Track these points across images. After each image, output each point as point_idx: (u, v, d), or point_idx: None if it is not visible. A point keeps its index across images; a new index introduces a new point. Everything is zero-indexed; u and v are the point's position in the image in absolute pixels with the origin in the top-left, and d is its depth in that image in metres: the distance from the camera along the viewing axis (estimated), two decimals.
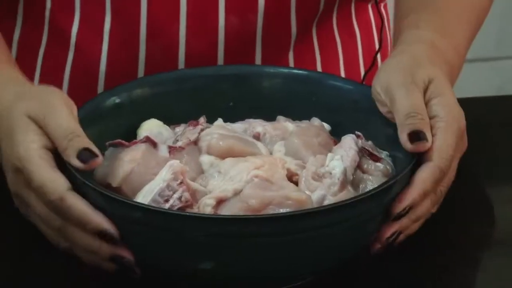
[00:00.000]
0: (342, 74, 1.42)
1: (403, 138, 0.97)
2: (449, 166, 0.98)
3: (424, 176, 0.95)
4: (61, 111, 0.98)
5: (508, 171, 1.26)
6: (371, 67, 1.41)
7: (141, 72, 1.32)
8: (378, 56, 1.44)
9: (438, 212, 1.00)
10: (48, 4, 1.33)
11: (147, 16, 1.29)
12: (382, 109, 1.03)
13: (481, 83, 2.76)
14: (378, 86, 1.04)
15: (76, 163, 0.92)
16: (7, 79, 1.08)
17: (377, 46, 1.44)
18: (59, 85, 1.33)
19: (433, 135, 0.98)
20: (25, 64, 1.32)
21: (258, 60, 1.33)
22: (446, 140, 0.97)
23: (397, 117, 0.99)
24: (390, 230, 0.94)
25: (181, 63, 1.30)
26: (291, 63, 1.37)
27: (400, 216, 0.93)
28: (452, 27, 1.20)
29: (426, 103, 1.00)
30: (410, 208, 0.94)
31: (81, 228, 0.93)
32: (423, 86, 1.01)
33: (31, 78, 1.35)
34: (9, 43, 1.37)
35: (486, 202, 1.20)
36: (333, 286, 1.01)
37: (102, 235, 0.91)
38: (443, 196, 1.00)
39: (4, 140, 1.00)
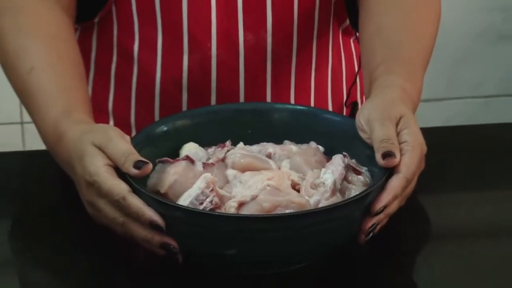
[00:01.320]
0: (330, 88, 1.49)
1: (378, 157, 1.06)
2: (413, 178, 1.07)
3: (395, 184, 1.04)
4: (117, 139, 1.07)
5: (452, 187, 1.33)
6: (353, 84, 1.52)
7: (185, 80, 1.38)
8: (358, 76, 1.53)
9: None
10: (115, 31, 1.40)
11: (188, 37, 1.36)
12: (364, 136, 1.12)
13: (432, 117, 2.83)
14: (362, 119, 1.13)
15: (133, 171, 1.01)
16: (77, 121, 1.15)
17: (356, 68, 1.52)
18: (128, 95, 1.43)
19: (402, 155, 1.06)
20: (101, 79, 1.45)
21: (268, 70, 1.41)
22: (411, 158, 1.06)
23: (374, 142, 1.08)
24: (370, 223, 1.03)
25: (213, 73, 1.37)
26: (293, 74, 1.43)
27: (377, 213, 1.03)
28: (416, 74, 1.26)
29: (398, 133, 1.09)
30: (385, 207, 1.03)
31: (138, 221, 1.01)
32: (395, 121, 1.10)
33: (106, 91, 1.45)
34: (87, 63, 1.44)
35: (428, 206, 1.29)
36: (325, 269, 1.10)
37: (152, 225, 1.00)
38: (406, 199, 1.09)
39: (76, 163, 1.08)
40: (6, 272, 1.14)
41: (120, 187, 1.02)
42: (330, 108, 1.47)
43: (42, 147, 1.24)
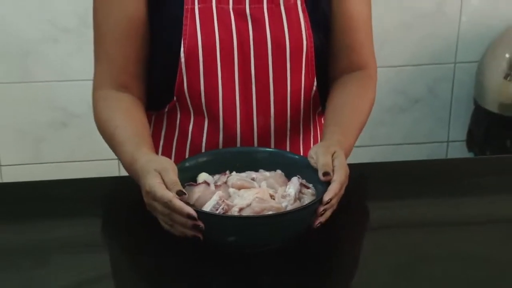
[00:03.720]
0: (312, 144, 1.53)
1: (320, 174, 1.18)
2: (343, 185, 1.18)
3: (333, 186, 1.15)
4: (169, 171, 1.16)
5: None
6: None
7: (220, 146, 1.43)
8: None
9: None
10: (178, 117, 1.46)
11: (222, 121, 1.42)
12: (312, 163, 1.22)
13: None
14: (312, 152, 1.24)
15: (182, 202, 1.11)
16: (144, 153, 1.24)
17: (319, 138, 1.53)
18: (183, 156, 1.46)
19: (334, 173, 1.17)
20: (167, 147, 1.50)
21: (272, 140, 1.45)
22: (340, 175, 1.17)
23: (318, 166, 1.20)
24: (321, 208, 1.13)
25: (238, 143, 1.43)
26: (288, 143, 1.48)
27: (326, 203, 1.13)
28: (349, 135, 1.34)
29: (332, 161, 1.20)
30: (330, 199, 1.14)
31: (179, 213, 1.10)
32: (331, 154, 1.21)
33: (170, 155, 1.49)
34: (158, 136, 1.50)
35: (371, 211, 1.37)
36: (291, 248, 1.17)
37: (189, 216, 1.09)
38: (339, 200, 1.18)
39: (142, 179, 1.17)
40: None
41: (168, 195, 1.11)
42: None
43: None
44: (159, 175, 1.16)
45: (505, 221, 1.31)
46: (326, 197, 1.15)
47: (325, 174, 1.19)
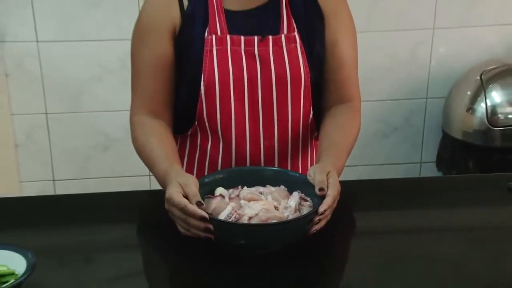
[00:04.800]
0: (310, 164, 1.50)
1: (316, 190, 1.18)
2: (336, 199, 1.17)
3: (327, 200, 1.15)
4: (192, 185, 1.17)
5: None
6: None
7: (233, 164, 1.41)
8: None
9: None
10: (199, 138, 1.45)
11: (235, 143, 1.40)
12: (310, 180, 1.22)
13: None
14: (310, 171, 1.23)
15: (195, 206, 1.11)
16: (174, 169, 1.24)
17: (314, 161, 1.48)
18: (203, 171, 1.45)
19: (328, 189, 1.17)
20: (190, 163, 1.49)
21: (275, 160, 1.43)
22: (333, 191, 1.17)
23: (315, 183, 1.20)
24: (316, 218, 1.13)
25: (248, 163, 1.41)
26: (289, 162, 1.45)
27: (321, 214, 1.13)
28: (341, 157, 1.33)
29: (327, 179, 1.20)
30: (325, 211, 1.13)
31: (193, 217, 1.11)
32: (326, 173, 1.21)
33: (192, 170, 1.48)
34: (183, 154, 1.49)
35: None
36: (291, 250, 1.15)
37: (202, 218, 1.10)
38: (332, 212, 1.17)
39: (167, 189, 1.17)
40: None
41: (184, 201, 1.12)
42: None
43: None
44: (180, 186, 1.16)
45: (467, 229, 1.30)
46: (321, 209, 1.15)
47: (321, 189, 1.19)
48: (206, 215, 1.11)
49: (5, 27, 2.60)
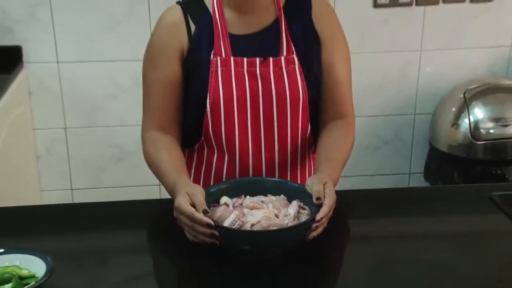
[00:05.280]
0: (308, 175, 1.49)
1: (314, 199, 1.18)
2: (332, 208, 1.17)
3: (324, 209, 1.15)
4: (198, 194, 1.17)
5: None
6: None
7: (236, 175, 1.40)
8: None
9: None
10: (205, 152, 1.44)
11: (238, 156, 1.40)
12: (308, 190, 1.21)
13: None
14: (308, 182, 1.23)
15: (202, 214, 1.12)
16: (182, 179, 1.24)
17: (312, 172, 1.49)
18: (209, 182, 1.44)
19: (325, 199, 1.17)
20: (197, 175, 1.48)
21: (276, 171, 1.42)
22: (330, 200, 1.17)
23: (313, 192, 1.19)
24: (314, 225, 1.13)
25: (251, 166, 1.40)
26: (288, 173, 1.44)
27: (318, 221, 1.13)
28: (337, 169, 1.32)
29: (324, 189, 1.19)
30: (321, 218, 1.14)
31: (200, 224, 1.11)
32: (323, 183, 1.21)
33: (199, 181, 1.47)
34: (191, 166, 1.48)
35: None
36: (291, 254, 1.15)
37: (208, 225, 1.10)
38: (328, 219, 1.17)
39: (176, 198, 1.17)
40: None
41: (191, 209, 1.13)
42: None
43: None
44: (188, 196, 1.16)
45: (452, 235, 1.29)
46: (318, 217, 1.15)
47: (318, 199, 1.19)
48: (212, 222, 1.11)
49: (29, 49, 2.62)
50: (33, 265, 1.04)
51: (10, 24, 2.56)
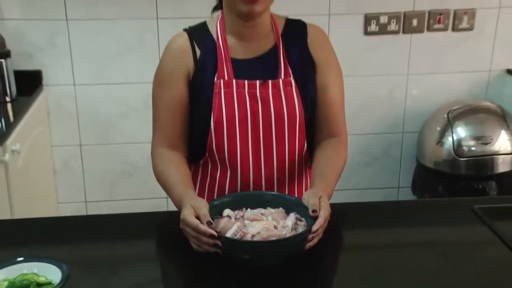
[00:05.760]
0: (304, 189, 1.47)
1: (310, 211, 1.17)
2: (327, 219, 1.16)
3: (319, 220, 1.14)
4: (203, 207, 1.16)
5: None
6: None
7: (238, 189, 1.38)
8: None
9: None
10: (209, 167, 1.42)
11: (240, 171, 1.38)
12: (305, 203, 1.20)
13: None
14: (305, 195, 1.22)
15: (206, 225, 1.11)
16: (188, 193, 1.24)
17: (308, 186, 1.47)
18: (213, 195, 1.43)
19: (320, 211, 1.16)
20: (202, 188, 1.47)
21: (275, 186, 1.40)
22: (325, 213, 1.16)
23: (309, 205, 1.19)
24: (310, 235, 1.12)
25: (251, 180, 1.39)
26: (286, 188, 1.43)
27: (314, 232, 1.12)
28: (331, 184, 1.32)
29: (319, 202, 1.18)
30: (317, 230, 1.13)
31: (204, 235, 1.10)
32: (318, 196, 1.20)
33: (203, 194, 1.45)
34: (196, 181, 1.46)
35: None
36: (289, 263, 1.14)
37: (211, 236, 1.10)
38: (324, 229, 1.16)
39: (182, 211, 1.17)
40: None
41: (196, 221, 1.12)
42: None
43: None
44: (192, 208, 1.16)
45: (437, 244, 1.28)
46: (314, 228, 1.14)
47: (314, 211, 1.18)
48: (215, 233, 1.10)
49: (48, 73, 2.65)
50: (50, 273, 1.04)
51: (31, 50, 2.59)
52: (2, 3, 2.47)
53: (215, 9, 1.44)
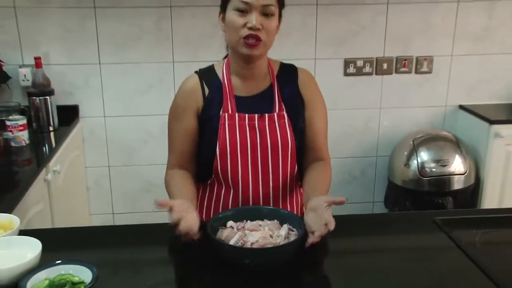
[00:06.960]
0: (295, 209, 1.44)
1: (329, 226, 1.12)
2: (322, 233, 1.14)
3: (315, 234, 1.11)
4: (176, 200, 1.16)
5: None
6: (302, 205, 1.43)
7: (240, 205, 1.34)
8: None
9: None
10: (216, 186, 1.39)
11: (241, 189, 1.35)
12: (309, 216, 1.16)
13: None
14: (306, 207, 1.20)
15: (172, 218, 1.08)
16: (178, 197, 1.21)
17: (299, 201, 1.44)
18: (217, 210, 1.39)
19: (329, 224, 1.12)
20: (208, 204, 1.43)
21: (271, 202, 1.37)
22: (330, 224, 1.13)
23: (323, 219, 1.14)
24: (309, 242, 1.11)
25: (251, 197, 1.35)
26: (280, 203, 1.39)
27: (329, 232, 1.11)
28: (323, 195, 1.26)
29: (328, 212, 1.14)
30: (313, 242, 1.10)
31: (176, 227, 1.10)
32: (326, 206, 1.16)
33: (210, 210, 1.42)
34: (204, 197, 1.43)
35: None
36: (285, 268, 1.11)
37: (161, 204, 1.09)
38: (323, 234, 1.13)
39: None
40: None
41: (170, 203, 1.11)
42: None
43: None
44: (171, 209, 1.15)
45: (405, 249, 1.26)
46: (331, 228, 1.12)
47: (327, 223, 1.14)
48: (167, 202, 1.10)
49: (84, 107, 2.67)
50: (82, 273, 1.03)
51: (70, 89, 2.63)
52: (50, 52, 2.54)
53: (226, 57, 1.43)
